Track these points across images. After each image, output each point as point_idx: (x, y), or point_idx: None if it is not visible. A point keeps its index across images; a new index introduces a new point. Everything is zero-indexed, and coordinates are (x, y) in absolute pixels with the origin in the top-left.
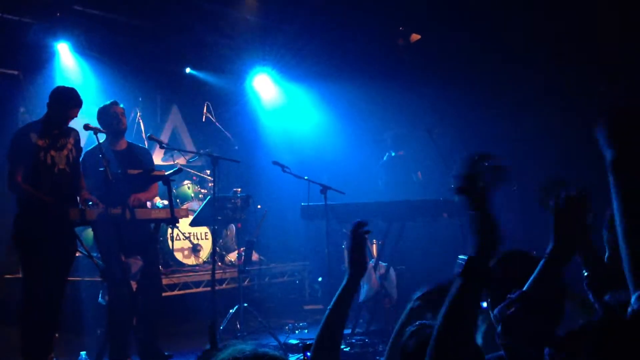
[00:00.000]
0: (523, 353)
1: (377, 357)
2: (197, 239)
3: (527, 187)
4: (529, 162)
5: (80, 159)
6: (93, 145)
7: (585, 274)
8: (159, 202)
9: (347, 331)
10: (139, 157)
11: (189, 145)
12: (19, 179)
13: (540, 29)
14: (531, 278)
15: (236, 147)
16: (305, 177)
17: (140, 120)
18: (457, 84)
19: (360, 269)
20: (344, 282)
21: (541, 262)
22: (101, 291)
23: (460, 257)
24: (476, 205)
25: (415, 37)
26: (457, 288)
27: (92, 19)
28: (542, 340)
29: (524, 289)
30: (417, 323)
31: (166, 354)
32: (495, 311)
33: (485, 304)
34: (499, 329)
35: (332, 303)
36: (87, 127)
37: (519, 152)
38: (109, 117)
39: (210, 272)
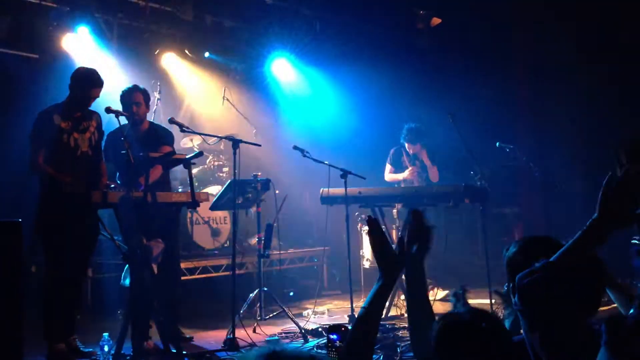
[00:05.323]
0: (539, 320)
1: (398, 343)
2: (217, 223)
3: (549, 174)
4: (550, 150)
5: (103, 141)
6: (115, 128)
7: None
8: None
9: None
10: (160, 137)
11: (209, 129)
12: (40, 160)
13: (564, 12)
14: (562, 249)
15: (254, 131)
16: (326, 162)
17: (160, 104)
18: (477, 68)
19: (388, 262)
20: (378, 279)
21: (577, 234)
22: (123, 273)
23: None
24: None
25: (435, 21)
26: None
27: (112, 3)
28: (565, 319)
29: (551, 259)
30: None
31: (187, 336)
32: (517, 277)
33: (505, 288)
34: (516, 296)
35: (367, 299)
36: (108, 110)
37: (540, 138)
38: (125, 104)
39: (229, 256)
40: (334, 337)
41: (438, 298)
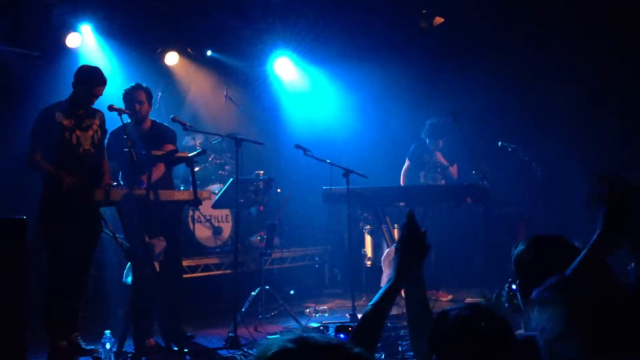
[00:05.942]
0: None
1: (399, 342)
2: (219, 221)
3: (551, 173)
4: (552, 149)
5: (106, 140)
6: (118, 126)
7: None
8: None
9: None
10: (163, 136)
11: (211, 128)
12: (38, 157)
13: (565, 12)
14: (574, 264)
15: (256, 130)
16: (328, 161)
17: (162, 102)
18: (480, 68)
19: (409, 262)
20: (388, 284)
21: (586, 248)
22: (125, 271)
23: None
24: None
25: (438, 20)
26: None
27: (114, 1)
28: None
29: (566, 273)
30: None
31: (188, 334)
32: (534, 294)
33: (514, 286)
34: (536, 311)
35: (376, 297)
36: (111, 108)
37: (542, 138)
38: (128, 102)
39: (231, 254)
40: (341, 337)
41: (443, 300)
